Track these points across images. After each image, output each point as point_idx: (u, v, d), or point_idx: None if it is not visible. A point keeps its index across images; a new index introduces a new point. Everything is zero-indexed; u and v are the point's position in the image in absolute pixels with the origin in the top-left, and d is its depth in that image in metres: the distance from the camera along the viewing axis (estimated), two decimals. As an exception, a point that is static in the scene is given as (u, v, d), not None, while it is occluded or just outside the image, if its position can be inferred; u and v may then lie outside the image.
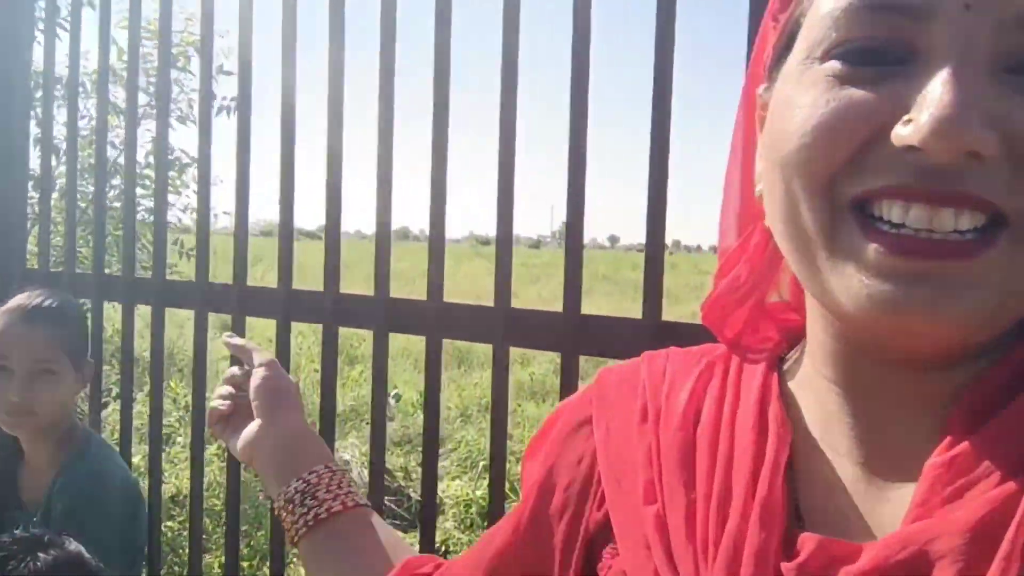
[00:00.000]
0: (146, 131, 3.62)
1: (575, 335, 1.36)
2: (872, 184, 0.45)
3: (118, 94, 2.87)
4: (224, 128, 1.88)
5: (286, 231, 1.77)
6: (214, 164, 1.96)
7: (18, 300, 1.63)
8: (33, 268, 2.43)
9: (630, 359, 0.69)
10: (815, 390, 0.57)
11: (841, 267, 0.46)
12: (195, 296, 1.96)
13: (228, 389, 0.97)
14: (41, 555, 1.23)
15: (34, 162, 2.49)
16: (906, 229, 0.44)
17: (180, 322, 5.94)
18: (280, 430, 0.90)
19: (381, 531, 0.84)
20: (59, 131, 3.06)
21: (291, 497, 0.84)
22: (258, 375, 0.93)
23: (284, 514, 0.85)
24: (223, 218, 4.46)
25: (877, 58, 0.45)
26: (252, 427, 0.91)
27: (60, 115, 3.01)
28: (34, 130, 2.50)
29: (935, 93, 0.42)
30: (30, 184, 2.54)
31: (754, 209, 0.61)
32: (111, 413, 3.72)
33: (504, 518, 0.71)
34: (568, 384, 1.36)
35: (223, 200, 6.62)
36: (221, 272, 2.10)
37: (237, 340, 1.00)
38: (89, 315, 2.17)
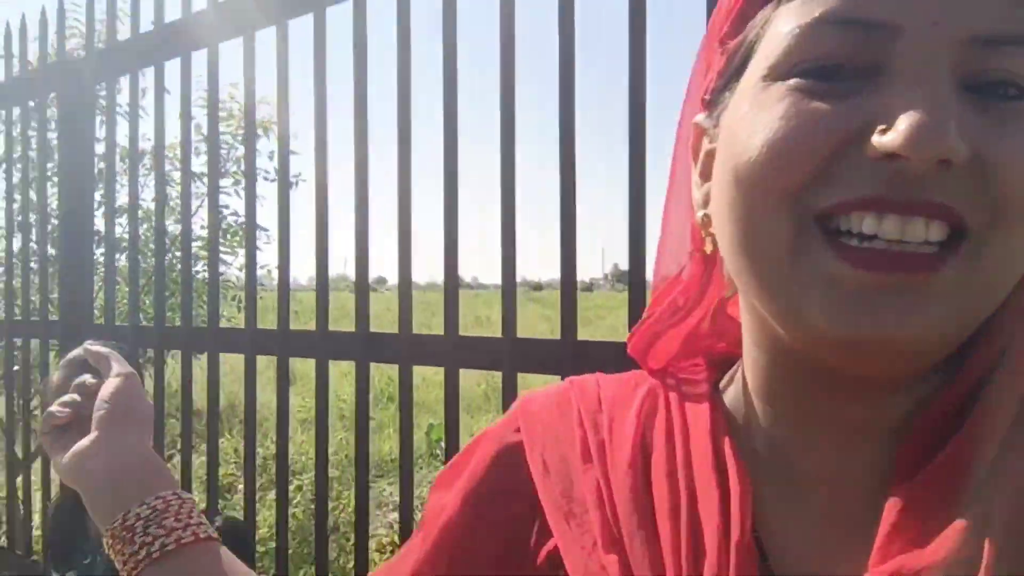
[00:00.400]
0: (217, 198, 3.91)
1: (573, 359, 1.52)
2: (843, 195, 0.44)
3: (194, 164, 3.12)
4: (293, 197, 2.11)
5: (322, 281, 1.97)
6: (272, 227, 2.15)
7: (76, 352, 1.84)
8: (99, 323, 2.66)
9: (552, 385, 0.67)
10: (761, 421, 0.56)
11: (807, 283, 0.45)
12: (244, 340, 2.16)
13: (73, 397, 0.83)
14: (215, 520, 1.52)
15: (101, 226, 2.75)
16: (877, 241, 0.44)
17: (241, 375, 6.18)
18: (121, 448, 0.76)
19: (234, 568, 0.74)
20: (124, 199, 3.35)
21: (131, 524, 0.72)
22: (111, 384, 0.80)
23: (120, 544, 0.72)
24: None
25: (841, 74, 0.45)
26: (85, 440, 0.77)
27: (132, 185, 3.28)
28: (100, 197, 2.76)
29: (912, 102, 0.42)
30: (98, 247, 2.80)
31: (692, 240, 0.61)
32: (172, 468, 3.95)
33: (405, 554, 0.66)
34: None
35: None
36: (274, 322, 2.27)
37: (99, 347, 0.88)
38: (151, 365, 2.39)
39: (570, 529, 0.56)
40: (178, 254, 2.92)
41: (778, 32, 0.48)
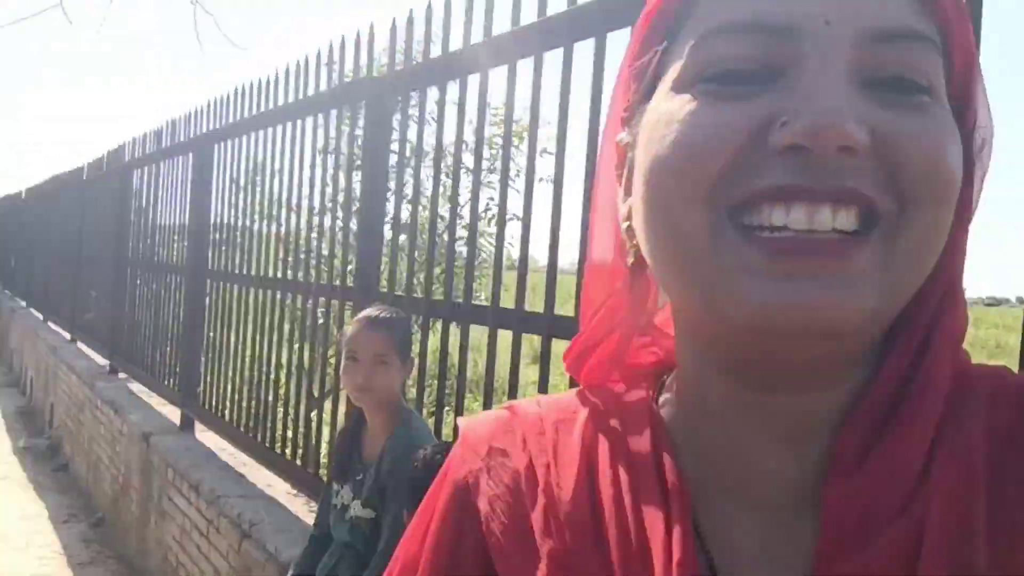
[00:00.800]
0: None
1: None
2: (754, 186, 0.45)
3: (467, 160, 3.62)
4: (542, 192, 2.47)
5: (551, 268, 2.34)
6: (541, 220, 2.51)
7: (366, 312, 2.33)
8: (384, 291, 3.23)
9: (491, 411, 0.66)
10: (701, 429, 0.55)
11: (726, 274, 0.45)
12: (487, 316, 2.60)
13: None
14: (440, 455, 1.89)
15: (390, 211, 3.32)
16: (787, 231, 0.44)
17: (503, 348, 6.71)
18: None
19: None
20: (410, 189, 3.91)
21: None
22: None
23: None
24: (541, 260, 5.16)
25: (745, 77, 0.46)
26: None
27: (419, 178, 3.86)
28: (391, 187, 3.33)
29: (810, 94, 0.43)
30: (387, 228, 3.38)
31: (617, 254, 0.61)
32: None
33: None
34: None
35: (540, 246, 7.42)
36: (536, 303, 2.51)
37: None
38: (419, 329, 2.90)
39: (519, 563, 0.55)
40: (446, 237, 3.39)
41: (684, 44, 0.49)
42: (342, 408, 3.24)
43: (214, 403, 4.83)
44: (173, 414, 5.39)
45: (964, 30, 0.49)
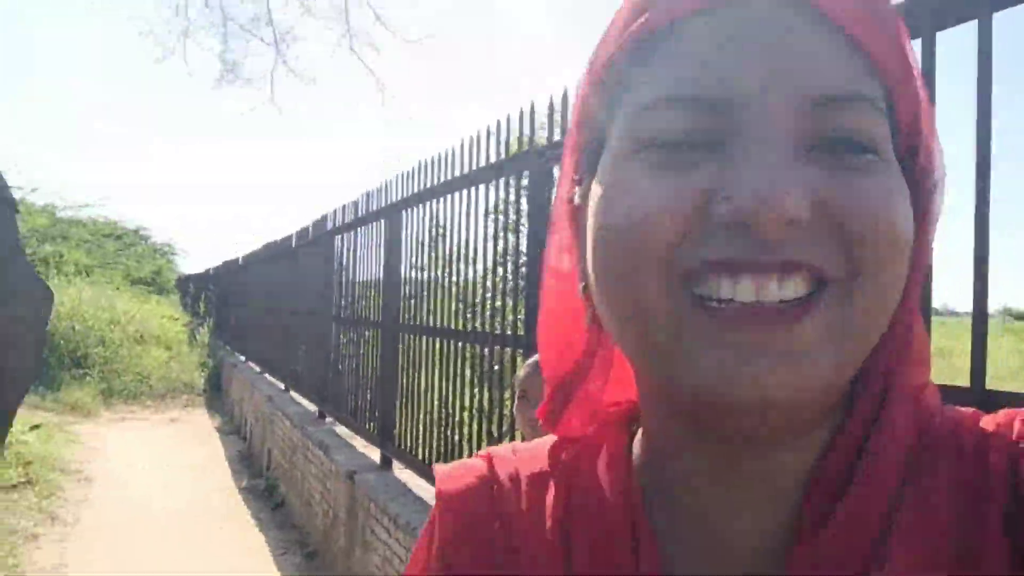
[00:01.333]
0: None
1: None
2: (702, 256, 0.44)
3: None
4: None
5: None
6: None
7: (536, 356, 2.61)
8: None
9: (469, 460, 0.64)
10: (669, 487, 0.54)
11: (678, 346, 0.45)
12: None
13: None
14: None
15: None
16: (734, 303, 0.43)
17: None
18: None
19: None
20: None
21: None
22: None
23: None
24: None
25: (688, 148, 0.45)
26: None
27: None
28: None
29: (748, 168, 0.42)
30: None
31: (576, 312, 0.59)
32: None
33: None
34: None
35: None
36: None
37: None
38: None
39: None
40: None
41: (626, 111, 0.49)
42: (516, 444, 3.52)
43: (408, 443, 5.20)
44: (373, 453, 5.76)
45: (909, 82, 0.48)
